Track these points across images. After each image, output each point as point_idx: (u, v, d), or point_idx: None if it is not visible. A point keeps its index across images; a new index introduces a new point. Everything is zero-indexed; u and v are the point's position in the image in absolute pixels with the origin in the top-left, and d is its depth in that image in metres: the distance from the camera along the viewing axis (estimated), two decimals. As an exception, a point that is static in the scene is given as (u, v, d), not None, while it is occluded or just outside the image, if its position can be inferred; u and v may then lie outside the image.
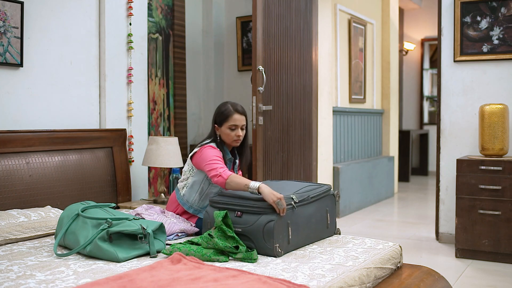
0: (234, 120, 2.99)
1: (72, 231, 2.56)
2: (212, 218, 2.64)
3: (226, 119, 3.00)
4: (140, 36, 4.24)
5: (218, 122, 3.03)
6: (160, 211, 3.21)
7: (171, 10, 5.30)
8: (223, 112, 3.01)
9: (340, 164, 6.12)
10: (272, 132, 4.43)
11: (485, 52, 4.55)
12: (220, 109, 3.04)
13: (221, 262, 2.36)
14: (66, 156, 3.61)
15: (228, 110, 3.01)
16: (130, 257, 2.41)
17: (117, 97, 4.05)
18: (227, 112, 3.01)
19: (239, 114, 3.01)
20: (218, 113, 3.04)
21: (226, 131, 3.00)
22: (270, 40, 4.39)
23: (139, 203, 3.90)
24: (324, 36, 5.55)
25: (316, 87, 5.22)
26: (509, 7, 4.46)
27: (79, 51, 3.82)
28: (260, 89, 4.15)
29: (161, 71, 5.18)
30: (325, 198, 2.85)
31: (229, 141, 3.03)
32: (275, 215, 2.49)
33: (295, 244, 2.59)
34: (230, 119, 2.99)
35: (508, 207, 4.10)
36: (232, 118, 2.99)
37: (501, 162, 4.14)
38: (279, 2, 4.52)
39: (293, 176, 4.80)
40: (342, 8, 6.33)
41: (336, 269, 2.24)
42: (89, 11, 3.89)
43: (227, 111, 3.01)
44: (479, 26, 4.56)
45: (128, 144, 4.12)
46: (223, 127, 3.01)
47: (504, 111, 4.22)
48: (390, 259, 2.56)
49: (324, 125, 5.63)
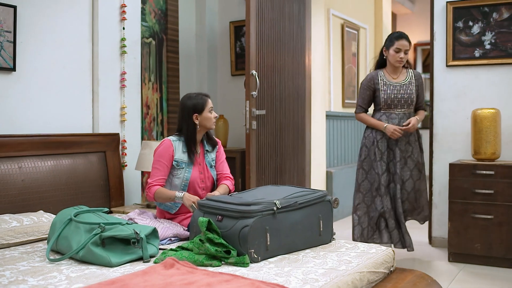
0: (210, 103, 3.26)
1: (65, 236, 2.55)
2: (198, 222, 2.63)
3: (205, 104, 3.22)
4: (133, 41, 4.23)
5: (199, 110, 3.20)
6: (153, 215, 3.21)
7: (164, 15, 5.30)
8: (198, 101, 3.22)
9: (333, 169, 6.12)
10: (265, 136, 4.43)
11: (477, 57, 4.57)
12: (194, 100, 3.23)
13: (214, 266, 2.36)
14: (59, 160, 3.60)
15: (202, 97, 3.24)
16: (123, 262, 2.41)
17: (110, 102, 4.04)
18: (202, 99, 3.23)
19: (209, 98, 3.29)
20: (195, 104, 3.21)
21: (207, 115, 3.22)
22: (264, 45, 4.39)
23: (132, 208, 3.89)
24: (317, 41, 5.57)
25: (309, 91, 5.23)
26: (500, 13, 4.49)
27: (72, 55, 3.82)
28: (253, 94, 4.16)
29: (154, 75, 5.17)
30: (318, 204, 2.78)
31: (210, 124, 3.23)
32: (251, 220, 2.45)
33: (276, 251, 2.54)
34: (207, 103, 3.24)
35: (500, 211, 4.12)
36: (208, 101, 3.25)
37: (493, 166, 4.16)
38: (273, 6, 4.53)
39: (286, 180, 4.80)
40: (335, 13, 6.36)
41: (329, 274, 2.25)
42: (82, 15, 3.88)
43: (202, 98, 3.24)
44: (471, 31, 4.59)
45: (121, 148, 4.11)
46: (204, 113, 3.21)
47: (496, 116, 4.24)
48: (383, 263, 2.56)
49: (317, 130, 5.64)
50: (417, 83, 4.14)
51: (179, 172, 3.15)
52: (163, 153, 3.14)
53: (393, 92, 4.05)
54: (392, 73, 4.14)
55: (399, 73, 4.14)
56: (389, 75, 4.13)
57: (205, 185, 3.23)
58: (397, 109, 4.08)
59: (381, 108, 4.11)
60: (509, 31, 4.47)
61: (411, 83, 4.11)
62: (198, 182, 3.18)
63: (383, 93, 4.07)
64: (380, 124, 4.06)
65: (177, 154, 3.15)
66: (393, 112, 4.07)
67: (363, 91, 4.19)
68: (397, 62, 4.05)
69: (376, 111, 4.17)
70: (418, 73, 4.20)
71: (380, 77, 4.11)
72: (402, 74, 4.14)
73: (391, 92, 4.05)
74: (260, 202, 2.55)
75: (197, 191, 3.18)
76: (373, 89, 4.13)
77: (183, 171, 3.15)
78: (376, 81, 4.11)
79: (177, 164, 3.15)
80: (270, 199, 2.60)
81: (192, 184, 3.16)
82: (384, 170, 4.05)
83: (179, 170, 3.15)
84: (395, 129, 3.98)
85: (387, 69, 4.16)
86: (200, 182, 3.20)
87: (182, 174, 3.15)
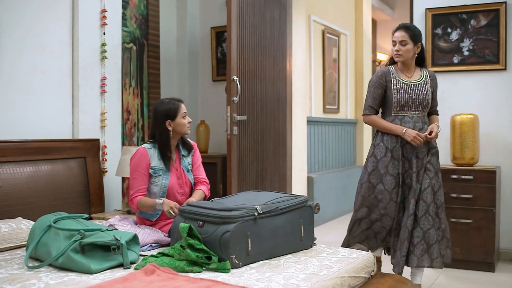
0: (184, 108, 3.23)
1: (44, 242, 2.52)
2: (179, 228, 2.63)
3: (178, 110, 3.18)
4: (114, 46, 4.21)
5: (172, 116, 3.17)
6: (134, 222, 3.19)
7: (145, 20, 5.28)
8: (171, 107, 3.19)
9: (315, 174, 6.15)
10: (246, 142, 4.43)
11: (455, 63, 4.63)
12: (166, 106, 3.20)
13: (195, 272, 2.35)
14: (38, 166, 3.56)
15: (174, 103, 3.21)
16: (103, 269, 2.39)
17: (91, 107, 4.01)
18: (175, 105, 3.20)
19: (182, 103, 3.25)
20: (168, 109, 3.18)
21: (181, 121, 3.18)
22: (245, 50, 4.40)
23: (113, 214, 3.86)
24: (298, 47, 5.60)
25: (290, 97, 5.25)
26: (478, 20, 4.56)
27: (52, 60, 3.78)
28: (234, 99, 4.16)
29: (135, 80, 5.15)
30: (299, 210, 2.80)
31: (184, 129, 3.20)
32: (232, 226, 2.45)
33: (257, 256, 2.55)
34: (180, 109, 3.20)
35: (479, 216, 4.17)
36: (181, 107, 3.21)
37: (472, 171, 4.21)
38: (254, 12, 4.55)
39: (268, 186, 4.80)
40: (316, 19, 6.39)
41: (310, 279, 2.25)
42: (62, 20, 3.85)
43: (175, 104, 3.20)
44: (450, 37, 4.64)
45: (101, 154, 4.08)
46: (177, 119, 3.18)
47: (475, 121, 4.30)
48: (363, 268, 2.58)
49: (298, 135, 5.66)
50: (432, 84, 3.60)
51: (156, 179, 3.13)
52: (139, 163, 3.12)
53: (407, 91, 3.50)
54: (404, 70, 3.59)
55: (413, 72, 3.60)
56: (402, 73, 3.59)
57: (184, 191, 3.22)
58: (411, 111, 3.52)
59: (393, 110, 3.54)
60: (487, 38, 4.53)
61: (426, 83, 3.56)
62: (176, 188, 3.17)
63: (396, 92, 3.52)
64: (399, 128, 3.45)
65: (153, 162, 3.13)
66: (407, 115, 3.51)
67: (373, 89, 3.61)
68: (395, 56, 3.57)
69: (386, 115, 3.60)
70: (433, 74, 3.69)
71: (392, 74, 3.57)
72: (416, 73, 3.61)
73: (405, 91, 3.50)
74: (241, 208, 2.55)
75: (176, 197, 3.16)
76: (384, 87, 3.57)
77: (160, 178, 3.13)
78: (388, 78, 3.56)
79: (154, 172, 3.13)
80: (251, 205, 2.60)
81: (170, 191, 3.14)
82: (395, 185, 3.48)
83: (156, 177, 3.13)
84: (418, 134, 3.39)
85: (399, 65, 3.62)
86: (179, 188, 3.19)
87: (160, 181, 3.13)
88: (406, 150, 3.48)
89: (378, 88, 3.59)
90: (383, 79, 3.57)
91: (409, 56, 3.53)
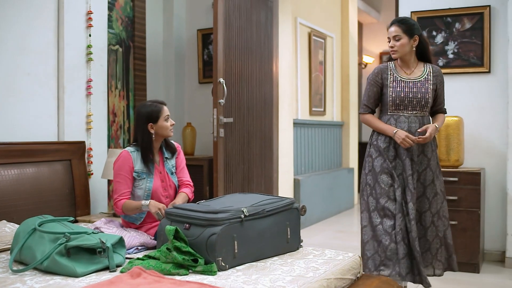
0: (166, 111, 3.18)
1: (29, 246, 2.50)
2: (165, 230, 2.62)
3: (160, 112, 3.15)
4: (100, 48, 4.19)
5: (154, 119, 3.14)
6: (120, 224, 3.18)
7: (131, 22, 5.27)
8: (153, 109, 3.15)
9: (301, 176, 6.16)
10: (233, 144, 4.43)
11: (440, 66, 4.66)
12: (148, 109, 3.16)
13: (182, 275, 2.34)
14: (23, 169, 3.53)
15: (156, 105, 3.17)
16: (89, 272, 2.37)
17: (76, 109, 3.99)
18: (157, 107, 3.16)
19: (165, 106, 3.21)
20: (149, 112, 3.15)
21: (163, 123, 3.14)
22: (231, 53, 4.41)
23: (98, 217, 3.84)
24: (285, 49, 5.61)
25: (277, 99, 5.26)
26: (463, 23, 4.60)
27: (37, 62, 3.76)
28: (221, 102, 4.16)
29: (121, 83, 5.13)
30: (285, 212, 2.79)
31: (166, 132, 3.17)
32: (219, 228, 2.45)
33: (243, 259, 2.54)
34: (163, 111, 3.16)
35: (464, 217, 4.20)
36: (164, 109, 3.17)
37: (457, 173, 4.24)
38: (240, 14, 4.55)
39: (254, 188, 4.81)
40: (302, 21, 6.41)
41: (296, 281, 2.26)
42: (47, 21, 3.83)
43: (157, 106, 3.16)
44: (435, 40, 4.68)
45: (87, 156, 4.06)
46: (159, 122, 3.14)
47: (459, 124, 4.34)
48: (350, 270, 2.58)
49: (285, 137, 5.67)
50: (436, 81, 3.37)
51: (140, 182, 3.12)
52: (122, 166, 3.10)
53: (403, 90, 3.31)
54: (404, 66, 3.40)
55: (414, 68, 3.39)
56: (401, 69, 3.40)
57: (168, 193, 3.20)
58: (407, 111, 3.33)
59: (388, 109, 3.37)
60: (471, 41, 4.57)
61: (428, 80, 3.35)
62: (160, 191, 3.16)
63: (392, 90, 3.33)
64: (390, 128, 3.30)
65: (136, 165, 3.11)
66: (402, 115, 3.32)
67: (369, 87, 3.43)
68: (391, 53, 3.39)
69: (383, 113, 3.43)
70: (438, 69, 3.43)
71: (390, 71, 3.39)
72: (418, 69, 3.39)
73: (401, 89, 3.31)
74: (227, 210, 2.55)
75: (161, 200, 3.15)
76: (380, 85, 3.39)
77: (144, 181, 3.12)
78: (385, 75, 3.38)
79: (137, 175, 3.11)
80: (238, 207, 2.60)
81: (155, 193, 3.13)
82: (391, 184, 3.30)
83: (140, 180, 3.12)
84: (407, 135, 3.23)
85: (398, 62, 3.42)
86: (163, 191, 3.17)
87: (143, 184, 3.12)
88: (400, 151, 3.31)
89: (373, 86, 3.42)
90: (379, 76, 3.40)
91: (405, 51, 3.34)
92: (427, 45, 3.44)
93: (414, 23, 3.38)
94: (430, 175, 3.33)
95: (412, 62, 3.39)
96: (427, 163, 3.33)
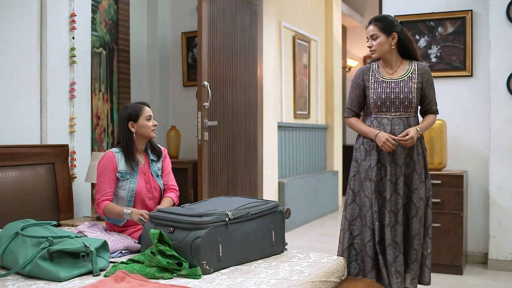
0: (148, 111, 3.18)
1: (11, 250, 2.48)
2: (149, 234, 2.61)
3: (141, 112, 3.16)
4: (84, 50, 4.17)
5: (134, 118, 3.15)
6: (103, 228, 3.16)
7: (115, 25, 5.24)
8: (134, 109, 3.17)
9: (285, 179, 6.17)
10: (217, 147, 4.43)
11: (423, 69, 4.69)
12: (129, 109, 3.18)
13: (166, 279, 2.34)
14: (5, 172, 3.49)
15: (137, 105, 3.19)
16: (72, 276, 2.35)
17: (59, 112, 3.96)
18: (138, 107, 3.18)
19: (147, 106, 3.22)
20: (131, 112, 3.17)
21: (144, 123, 3.15)
22: (216, 56, 4.41)
23: (82, 221, 3.82)
24: (269, 52, 5.62)
25: (261, 102, 5.27)
26: (445, 27, 4.64)
27: (20, 64, 3.72)
28: (205, 105, 4.16)
29: (105, 86, 5.10)
30: (270, 215, 2.80)
31: (147, 132, 3.17)
32: (203, 232, 2.45)
33: (228, 262, 2.54)
34: (143, 111, 3.17)
35: (447, 219, 4.23)
36: (145, 109, 3.18)
37: (440, 175, 4.28)
38: (224, 18, 4.55)
39: (239, 191, 4.81)
40: (286, 25, 6.43)
41: (281, 284, 2.26)
42: (30, 24, 3.80)
43: (138, 106, 3.18)
44: (418, 44, 4.72)
45: (70, 160, 4.03)
46: (139, 121, 3.14)
47: (443, 127, 4.37)
48: (334, 273, 2.59)
49: (269, 141, 5.68)
50: (421, 79, 3.20)
51: (124, 183, 3.11)
52: (106, 166, 3.09)
53: (385, 90, 3.17)
54: (387, 66, 3.26)
55: (397, 67, 3.24)
56: (384, 69, 3.25)
57: (152, 195, 3.19)
58: (390, 112, 3.17)
59: (372, 111, 3.24)
60: (454, 45, 4.62)
61: (412, 78, 3.18)
62: (144, 192, 3.14)
63: (373, 92, 3.20)
64: (371, 131, 3.16)
65: (120, 165, 3.11)
66: (385, 117, 3.18)
67: (352, 90, 3.31)
68: (371, 53, 3.24)
69: (367, 116, 3.30)
70: (425, 67, 3.25)
71: (372, 72, 3.26)
72: (402, 68, 3.24)
73: (383, 90, 3.17)
74: (212, 213, 2.55)
75: (145, 201, 3.14)
76: (362, 86, 3.27)
77: (128, 182, 3.11)
78: (366, 77, 3.26)
79: (121, 176, 3.10)
80: (222, 210, 2.60)
81: (138, 195, 3.11)
82: (373, 191, 3.17)
83: (124, 181, 3.11)
84: (388, 138, 3.08)
85: (381, 61, 3.28)
86: (147, 193, 3.16)
87: (127, 185, 3.10)
88: (383, 155, 3.17)
89: (355, 89, 3.30)
90: (361, 78, 3.28)
91: (384, 50, 3.18)
92: (411, 42, 3.27)
93: (392, 20, 3.21)
94: (416, 179, 3.18)
95: (395, 60, 3.24)
96: (413, 167, 3.18)
